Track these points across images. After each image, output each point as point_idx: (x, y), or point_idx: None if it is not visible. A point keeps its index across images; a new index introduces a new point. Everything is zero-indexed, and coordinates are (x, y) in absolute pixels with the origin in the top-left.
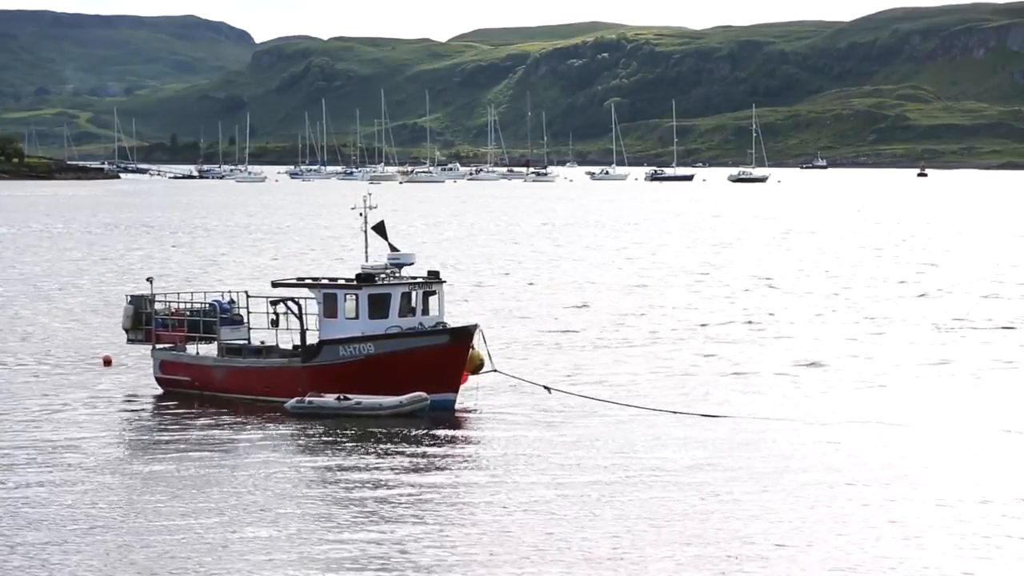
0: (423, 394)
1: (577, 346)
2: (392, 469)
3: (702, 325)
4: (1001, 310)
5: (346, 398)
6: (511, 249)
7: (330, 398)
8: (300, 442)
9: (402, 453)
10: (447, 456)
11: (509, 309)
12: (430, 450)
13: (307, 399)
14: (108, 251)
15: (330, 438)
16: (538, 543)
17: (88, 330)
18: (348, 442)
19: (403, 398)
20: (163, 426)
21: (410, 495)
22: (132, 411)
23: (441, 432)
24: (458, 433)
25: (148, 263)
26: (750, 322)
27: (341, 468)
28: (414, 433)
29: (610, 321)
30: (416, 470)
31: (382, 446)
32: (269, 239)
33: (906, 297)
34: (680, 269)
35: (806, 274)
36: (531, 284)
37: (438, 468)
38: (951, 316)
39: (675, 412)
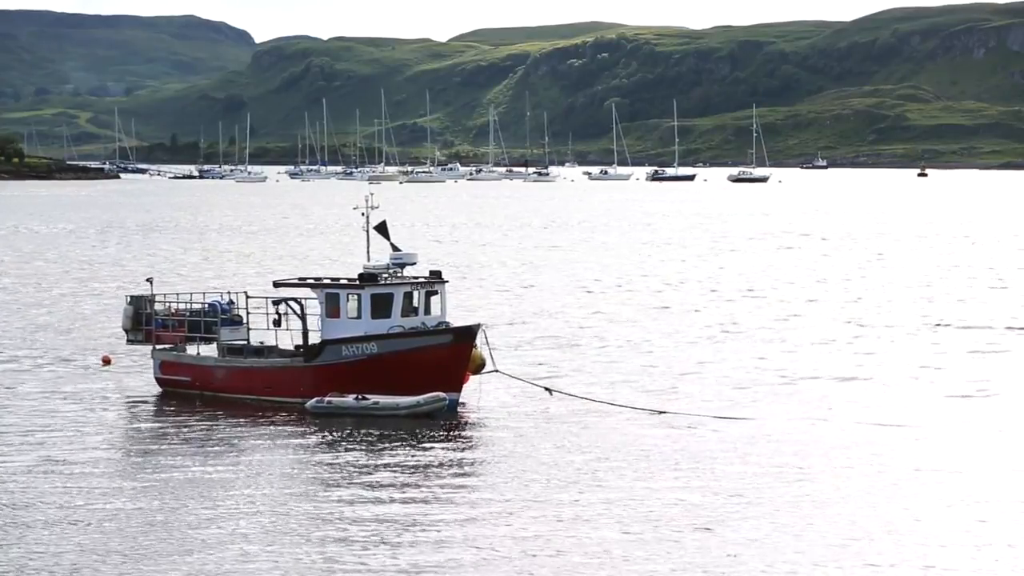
0: (441, 394)
1: (578, 347)
2: (391, 469)
3: (703, 327)
4: (1000, 310)
5: (364, 398)
6: (512, 249)
7: (349, 398)
8: (300, 442)
9: (401, 454)
10: (446, 456)
11: (511, 309)
12: (429, 451)
13: (326, 399)
14: (107, 251)
15: (329, 438)
16: (538, 543)
17: (88, 330)
18: (345, 443)
19: (421, 398)
20: (166, 426)
21: (409, 495)
22: (132, 411)
23: (441, 432)
24: (459, 434)
25: (147, 263)
26: (751, 324)
27: (341, 468)
28: (414, 434)
29: (611, 322)
30: (415, 470)
31: (380, 446)
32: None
33: (902, 298)
34: (680, 270)
35: (807, 276)
36: (534, 285)
37: (437, 468)
38: (949, 316)
39: (676, 413)
